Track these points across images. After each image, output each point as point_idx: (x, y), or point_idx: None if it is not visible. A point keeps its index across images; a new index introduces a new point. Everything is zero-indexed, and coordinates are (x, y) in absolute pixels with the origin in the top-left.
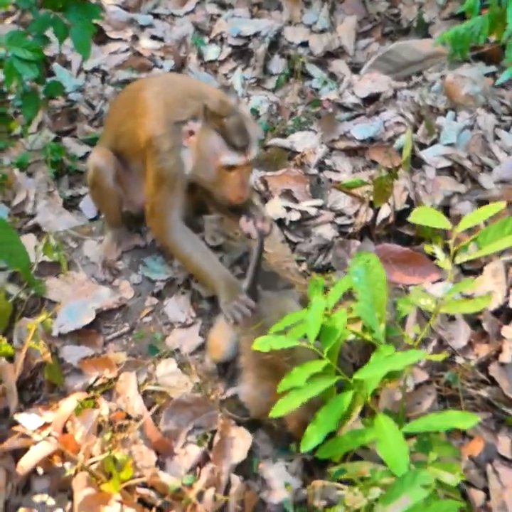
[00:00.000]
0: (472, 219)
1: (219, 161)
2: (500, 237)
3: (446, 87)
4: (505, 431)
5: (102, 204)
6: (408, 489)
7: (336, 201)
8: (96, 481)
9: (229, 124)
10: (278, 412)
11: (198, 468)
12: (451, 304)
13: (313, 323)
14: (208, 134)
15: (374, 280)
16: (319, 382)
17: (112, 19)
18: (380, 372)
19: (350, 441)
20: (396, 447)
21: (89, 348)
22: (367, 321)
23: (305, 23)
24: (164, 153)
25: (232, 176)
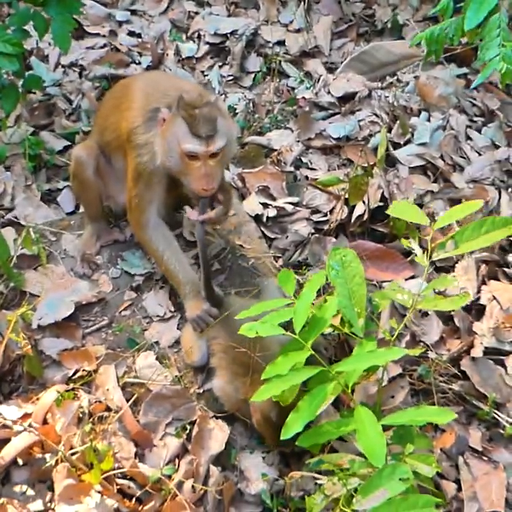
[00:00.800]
0: (450, 216)
1: (181, 147)
2: (477, 236)
3: (420, 88)
4: (476, 424)
5: (81, 196)
6: (387, 482)
7: (311, 198)
8: (76, 472)
9: (198, 114)
10: (259, 397)
11: (177, 460)
12: (428, 300)
13: (301, 313)
14: (175, 122)
15: (351, 275)
16: (302, 371)
17: (90, 14)
18: (362, 366)
19: (331, 431)
20: (375, 439)
21: (68, 340)
22: (346, 315)
23: (281, 22)
24: (141, 147)
25: (196, 167)
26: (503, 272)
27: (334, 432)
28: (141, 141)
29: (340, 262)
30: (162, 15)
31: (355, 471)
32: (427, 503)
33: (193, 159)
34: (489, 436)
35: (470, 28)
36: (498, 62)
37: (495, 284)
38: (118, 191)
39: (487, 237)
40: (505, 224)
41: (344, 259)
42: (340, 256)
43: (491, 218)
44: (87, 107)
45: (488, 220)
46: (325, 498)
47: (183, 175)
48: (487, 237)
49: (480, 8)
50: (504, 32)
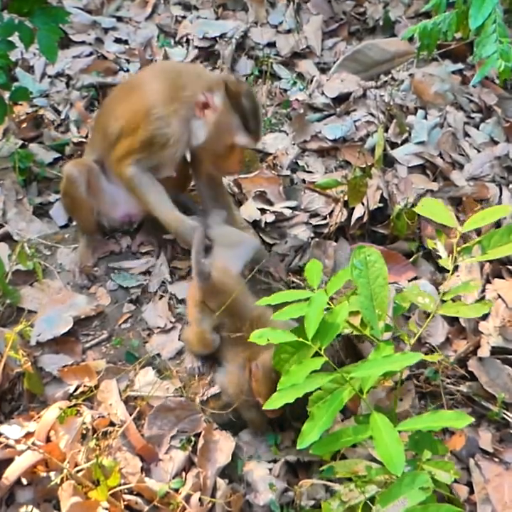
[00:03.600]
0: (477, 220)
1: (233, 139)
2: (506, 242)
3: (415, 85)
4: (485, 425)
5: (73, 213)
6: (407, 491)
7: (310, 202)
8: (82, 489)
9: (246, 105)
10: (272, 405)
11: (184, 473)
12: (449, 306)
13: (313, 319)
14: (227, 113)
15: (375, 275)
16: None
17: (75, 22)
18: (378, 371)
19: (346, 438)
20: (392, 446)
21: (68, 356)
22: (366, 317)
23: (271, 23)
24: (163, 119)
25: (236, 153)
26: (507, 270)
27: (350, 439)
28: (164, 114)
29: (364, 261)
30: (148, 20)
31: (372, 477)
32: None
33: (236, 147)
34: (499, 437)
35: (476, 26)
36: (495, 59)
37: (499, 283)
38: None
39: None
40: None
41: (368, 259)
42: (365, 255)
43: None
44: (76, 117)
45: None
46: (341, 504)
47: (220, 159)
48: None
49: (483, 5)
50: (500, 27)
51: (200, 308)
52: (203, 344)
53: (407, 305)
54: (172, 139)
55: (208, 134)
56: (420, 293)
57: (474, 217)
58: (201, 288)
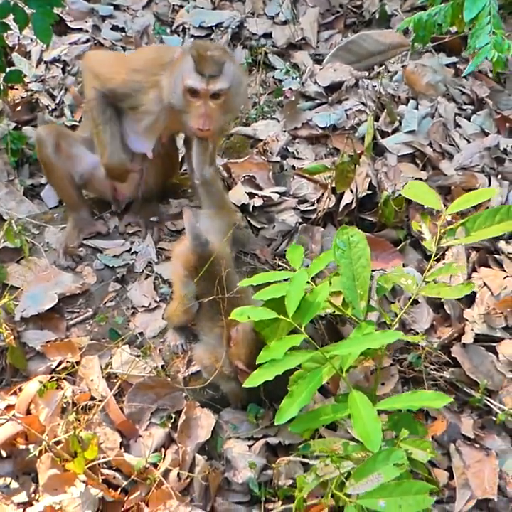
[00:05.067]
0: (462, 203)
1: (183, 81)
2: (490, 224)
3: (407, 76)
4: (468, 411)
5: (52, 181)
6: (381, 467)
7: (298, 188)
8: (60, 462)
9: (206, 54)
10: (252, 382)
11: (163, 450)
12: (431, 287)
13: (294, 296)
14: (184, 59)
15: (357, 255)
16: (296, 355)
17: (73, 9)
18: (357, 349)
19: (325, 415)
20: (370, 423)
21: (51, 332)
22: (348, 297)
23: (268, 14)
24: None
25: (196, 105)
26: (494, 259)
27: (329, 417)
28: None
29: (347, 241)
30: (146, 9)
31: (349, 454)
32: (420, 490)
33: (194, 97)
34: (481, 423)
35: (470, 17)
36: (489, 50)
37: (485, 271)
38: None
39: (500, 227)
40: None
41: (351, 240)
42: (348, 236)
43: (506, 207)
44: (70, 101)
45: (503, 209)
46: (316, 478)
47: (183, 112)
48: (500, 226)
49: None
50: (494, 19)
51: (188, 273)
52: (183, 311)
53: (389, 286)
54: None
55: (169, 85)
56: (403, 275)
57: (459, 199)
58: (196, 253)
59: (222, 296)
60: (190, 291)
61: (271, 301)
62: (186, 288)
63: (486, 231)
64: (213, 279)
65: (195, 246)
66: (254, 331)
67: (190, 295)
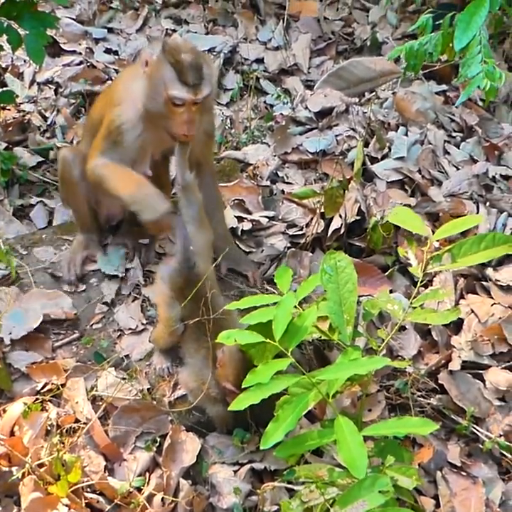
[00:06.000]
0: (448, 229)
1: (167, 92)
2: (476, 251)
3: (397, 102)
4: (454, 439)
5: (70, 202)
6: (366, 493)
7: (287, 212)
8: (44, 485)
9: (184, 59)
10: (238, 405)
11: (147, 474)
12: (418, 313)
13: (281, 320)
14: (162, 66)
15: (344, 280)
16: (282, 379)
17: (66, 31)
18: (344, 374)
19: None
20: (355, 449)
21: (37, 353)
22: (334, 322)
23: (260, 40)
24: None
25: (179, 112)
26: (481, 286)
27: (314, 442)
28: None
29: (335, 266)
30: (139, 32)
31: (334, 480)
32: None
33: (177, 106)
34: (468, 451)
35: (460, 47)
36: (481, 79)
37: (473, 298)
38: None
39: (485, 253)
40: (505, 241)
41: (339, 264)
42: (335, 260)
43: (491, 235)
44: (62, 123)
45: (488, 236)
46: (301, 504)
47: (164, 119)
48: (485, 253)
49: (468, 27)
50: (485, 48)
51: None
52: (168, 333)
53: (376, 311)
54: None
55: (146, 90)
56: (390, 300)
57: (445, 226)
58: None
59: (207, 318)
60: (175, 313)
61: (258, 324)
62: (172, 310)
63: (471, 257)
64: (198, 301)
65: (184, 268)
66: (240, 350)
67: (176, 317)
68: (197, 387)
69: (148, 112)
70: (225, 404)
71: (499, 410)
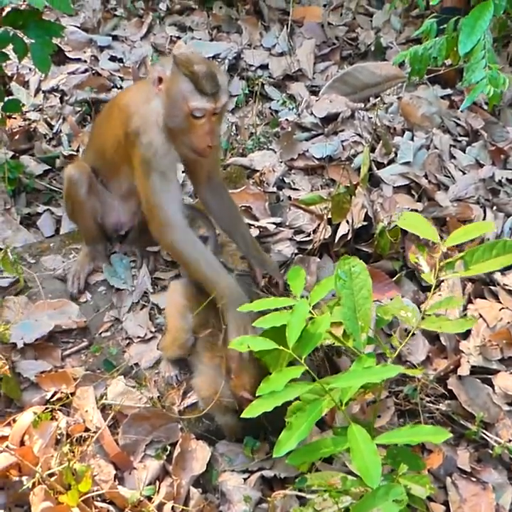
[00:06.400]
0: (459, 236)
1: (187, 105)
2: (488, 258)
3: (403, 107)
4: (464, 444)
5: (76, 218)
6: (381, 502)
7: (294, 218)
8: (54, 495)
9: (199, 70)
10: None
11: (157, 482)
12: (432, 321)
13: (295, 327)
14: (177, 79)
15: (359, 286)
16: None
17: (71, 39)
18: (358, 382)
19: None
20: (369, 458)
21: (46, 362)
22: (349, 328)
23: (264, 46)
24: (145, 131)
25: (200, 124)
26: (489, 290)
27: (327, 450)
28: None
29: (349, 272)
30: (144, 40)
31: (347, 488)
32: None
33: (197, 118)
34: (478, 456)
35: (465, 52)
36: (485, 85)
37: (481, 303)
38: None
39: (497, 261)
40: None
41: (353, 270)
42: (349, 266)
43: (501, 242)
44: (68, 131)
45: (499, 243)
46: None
47: (185, 134)
48: (497, 260)
49: (472, 32)
50: (489, 53)
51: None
52: (178, 344)
53: (389, 318)
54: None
55: (165, 107)
56: (403, 307)
57: (456, 232)
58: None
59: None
60: (188, 324)
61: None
62: (184, 321)
63: (484, 265)
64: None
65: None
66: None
67: (188, 328)
68: (209, 395)
69: (170, 130)
70: (235, 413)
71: (508, 415)
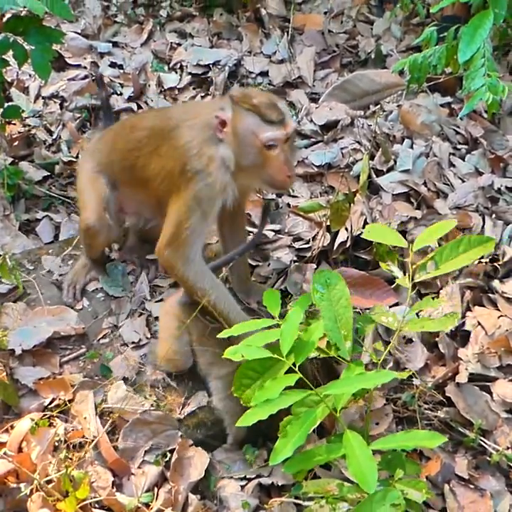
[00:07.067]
0: (426, 238)
1: (259, 138)
2: (456, 255)
3: (402, 115)
4: (462, 451)
5: (89, 249)
6: (378, 507)
7: (293, 226)
8: (52, 502)
9: (260, 101)
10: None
11: (156, 489)
12: (414, 322)
13: (288, 335)
14: (241, 117)
15: (337, 297)
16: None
17: (71, 46)
18: (351, 389)
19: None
20: (365, 464)
21: (44, 369)
22: (332, 339)
23: (264, 53)
24: (210, 174)
25: (275, 155)
26: (488, 298)
27: (323, 457)
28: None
29: (325, 284)
30: (144, 46)
31: (344, 495)
32: None
33: (271, 149)
34: (476, 463)
35: (464, 60)
36: (484, 92)
37: (480, 310)
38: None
39: (465, 256)
40: (480, 242)
41: (329, 282)
42: (325, 278)
43: (466, 237)
44: (67, 137)
45: (464, 239)
46: None
47: (262, 169)
48: (465, 256)
49: (472, 40)
50: (489, 61)
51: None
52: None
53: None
54: (218, 185)
55: (236, 149)
56: (384, 313)
57: (422, 234)
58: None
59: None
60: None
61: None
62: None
63: (453, 262)
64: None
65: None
66: None
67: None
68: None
69: (243, 171)
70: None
71: (506, 422)
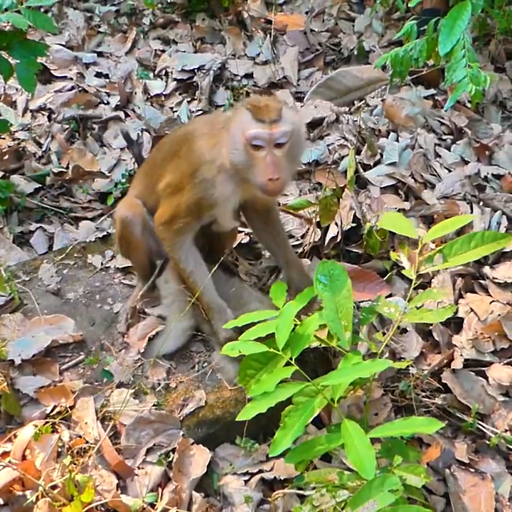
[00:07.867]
0: (440, 230)
1: (244, 135)
2: (466, 250)
3: (387, 109)
4: (461, 437)
5: (131, 257)
6: (376, 493)
7: (284, 223)
8: (58, 507)
9: (261, 101)
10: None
11: (160, 488)
12: (414, 313)
13: (284, 328)
14: (238, 114)
15: (339, 288)
16: (287, 387)
17: (57, 58)
18: (348, 379)
19: (319, 446)
20: (363, 451)
21: (44, 377)
22: (333, 329)
23: (248, 55)
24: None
25: (260, 156)
26: (479, 284)
27: (323, 447)
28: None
29: (328, 275)
30: (128, 54)
31: (344, 483)
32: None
33: (257, 149)
34: (475, 447)
35: (445, 52)
36: (466, 83)
37: (472, 297)
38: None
39: (476, 252)
40: (494, 239)
41: (332, 273)
42: (328, 269)
43: (480, 233)
44: (57, 148)
45: (478, 234)
46: (312, 509)
47: (248, 169)
48: (476, 251)
49: (452, 32)
50: (469, 52)
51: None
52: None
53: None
54: (220, 198)
55: (227, 146)
56: (386, 304)
57: (436, 227)
58: None
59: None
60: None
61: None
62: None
63: (462, 256)
64: None
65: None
66: None
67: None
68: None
69: (235, 167)
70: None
71: (503, 405)
